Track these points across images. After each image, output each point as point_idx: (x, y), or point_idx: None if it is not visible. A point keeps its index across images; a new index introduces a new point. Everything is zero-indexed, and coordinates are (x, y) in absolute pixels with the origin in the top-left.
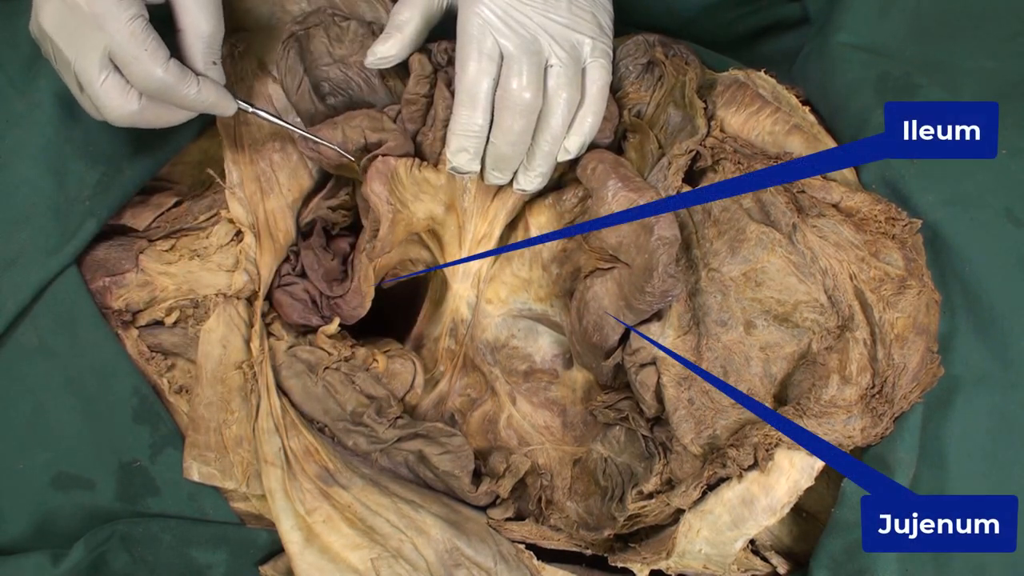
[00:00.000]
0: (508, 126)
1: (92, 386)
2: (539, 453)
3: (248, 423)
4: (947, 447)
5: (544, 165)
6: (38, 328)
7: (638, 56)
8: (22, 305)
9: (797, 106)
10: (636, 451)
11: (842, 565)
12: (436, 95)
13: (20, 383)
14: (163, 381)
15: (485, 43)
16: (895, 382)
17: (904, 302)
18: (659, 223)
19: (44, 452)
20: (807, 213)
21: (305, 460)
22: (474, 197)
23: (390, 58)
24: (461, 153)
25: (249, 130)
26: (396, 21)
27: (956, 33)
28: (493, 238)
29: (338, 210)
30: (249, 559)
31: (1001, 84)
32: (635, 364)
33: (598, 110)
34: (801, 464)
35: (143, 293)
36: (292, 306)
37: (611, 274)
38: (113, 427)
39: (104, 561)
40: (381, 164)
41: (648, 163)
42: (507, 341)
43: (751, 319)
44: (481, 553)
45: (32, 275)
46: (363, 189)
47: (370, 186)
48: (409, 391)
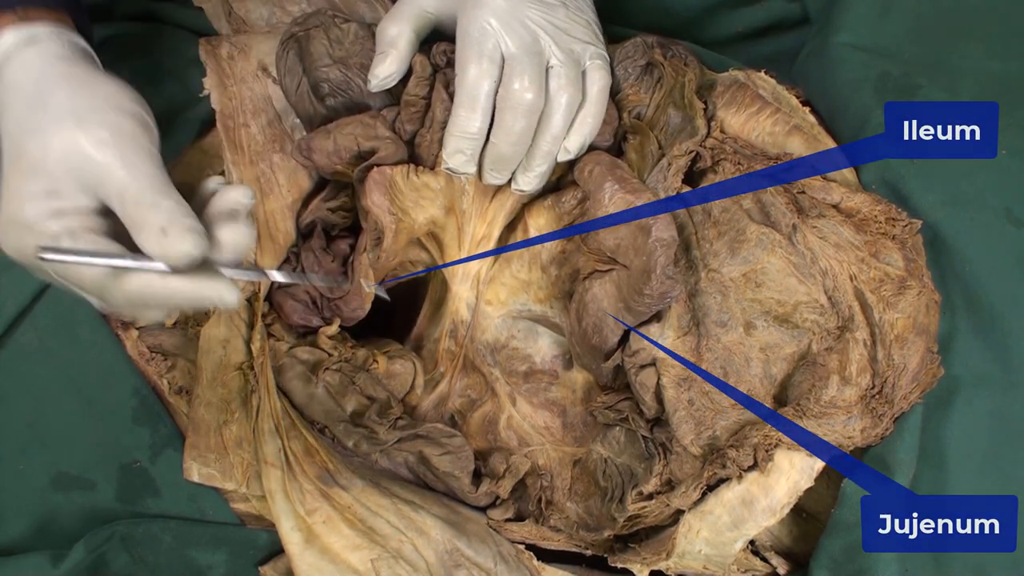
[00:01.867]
0: (509, 126)
1: (92, 387)
2: (539, 454)
3: (248, 424)
4: (947, 447)
5: (543, 165)
6: (38, 328)
7: (637, 58)
8: (22, 305)
9: (797, 106)
10: (636, 452)
11: (842, 565)
12: (434, 97)
13: (20, 383)
14: (163, 382)
15: (486, 45)
16: (895, 383)
17: (904, 302)
18: (656, 225)
19: (44, 452)
20: (807, 214)
21: (305, 461)
22: (472, 199)
23: (392, 76)
24: (457, 155)
25: (249, 132)
26: (387, 38)
27: (956, 33)
28: (492, 239)
29: (338, 211)
30: (249, 560)
31: (1001, 84)
32: (635, 365)
33: (598, 111)
34: (801, 465)
35: None
36: (292, 307)
37: (610, 276)
38: (113, 428)
39: (104, 562)
40: (378, 174)
41: (648, 164)
42: (507, 342)
43: (751, 320)
44: (481, 554)
45: (32, 275)
46: (363, 201)
47: (370, 198)
48: (409, 392)
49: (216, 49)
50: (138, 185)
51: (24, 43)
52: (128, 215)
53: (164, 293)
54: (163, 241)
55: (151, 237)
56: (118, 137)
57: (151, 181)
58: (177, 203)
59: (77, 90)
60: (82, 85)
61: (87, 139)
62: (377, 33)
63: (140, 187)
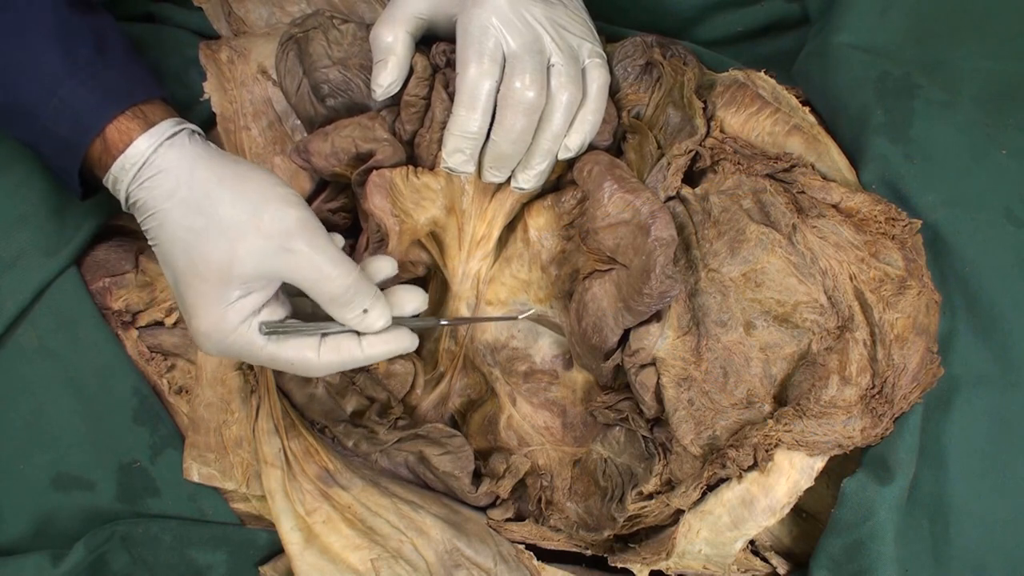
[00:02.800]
0: (510, 125)
1: (92, 387)
2: (539, 454)
3: (248, 424)
4: (947, 447)
5: (543, 164)
6: (38, 328)
7: (636, 57)
8: (22, 305)
9: (797, 106)
10: (636, 452)
11: (842, 565)
12: (433, 97)
13: (20, 383)
14: (163, 382)
15: (487, 44)
16: (895, 382)
17: (904, 302)
18: (656, 224)
19: (44, 452)
20: (807, 214)
21: (305, 461)
22: (472, 199)
23: (395, 83)
24: (457, 154)
25: (250, 134)
26: (383, 45)
27: (956, 33)
28: (492, 239)
29: (338, 212)
30: (249, 560)
31: (1001, 84)
32: (635, 365)
33: (599, 108)
34: (801, 465)
35: (143, 294)
36: None
37: (609, 276)
38: (113, 428)
39: (104, 562)
40: (378, 178)
41: (648, 164)
42: (507, 342)
43: (751, 320)
44: (481, 554)
45: (32, 275)
46: (365, 205)
47: (371, 201)
48: (409, 392)
49: (216, 53)
50: (331, 271)
51: (159, 146)
52: (326, 297)
53: (363, 356)
54: (365, 320)
55: (354, 317)
56: (301, 228)
57: (339, 262)
58: (368, 283)
59: (238, 189)
60: (239, 181)
61: (275, 238)
62: (372, 39)
63: (334, 272)
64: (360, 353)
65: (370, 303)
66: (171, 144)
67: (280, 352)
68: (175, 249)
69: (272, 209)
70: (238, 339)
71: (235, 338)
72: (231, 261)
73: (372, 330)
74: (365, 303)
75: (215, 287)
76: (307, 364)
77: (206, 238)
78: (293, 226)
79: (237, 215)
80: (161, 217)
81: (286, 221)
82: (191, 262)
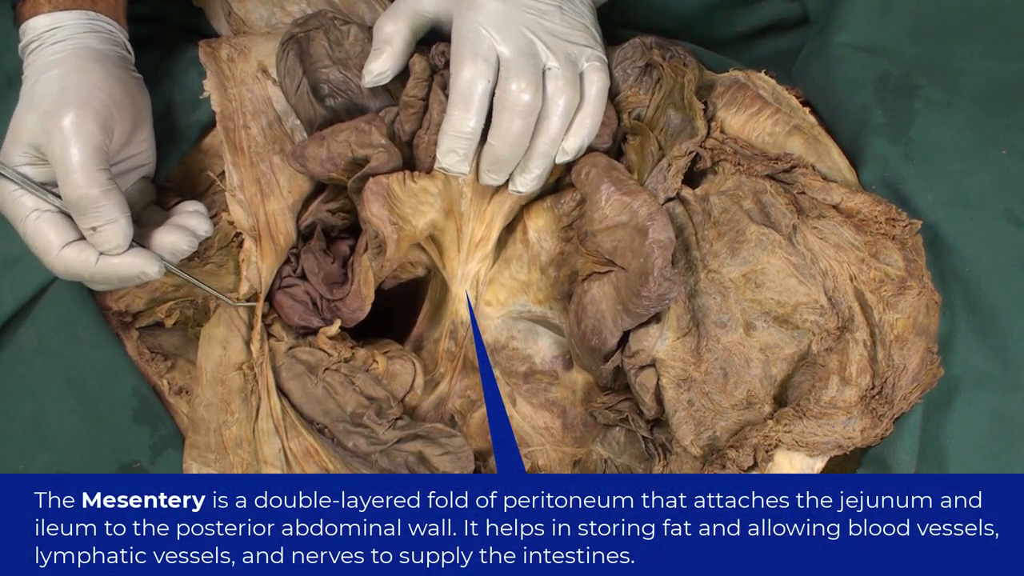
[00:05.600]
0: (507, 127)
1: (92, 387)
2: (539, 454)
3: (248, 424)
4: (947, 448)
5: (541, 167)
6: (38, 328)
7: (636, 59)
8: (22, 305)
9: (797, 107)
10: (636, 452)
11: None
12: (431, 98)
13: (20, 383)
14: (163, 382)
15: (481, 46)
16: (895, 383)
17: (904, 303)
18: (653, 226)
19: (44, 452)
20: (807, 214)
21: (305, 461)
22: (470, 201)
23: (386, 73)
24: (451, 154)
25: (250, 133)
26: (383, 35)
27: (956, 33)
28: (491, 240)
29: (337, 213)
30: None
31: (1001, 84)
32: (634, 366)
33: (597, 112)
34: (801, 465)
35: (143, 294)
36: (293, 308)
37: (608, 278)
38: (113, 428)
39: None
40: (375, 185)
41: (648, 165)
42: (507, 343)
43: (751, 320)
44: None
45: (32, 275)
46: (362, 212)
47: (369, 209)
48: (409, 392)
49: (216, 51)
50: (75, 176)
51: (49, 29)
52: (66, 198)
53: (94, 270)
54: (93, 236)
55: (86, 230)
56: (71, 130)
57: (87, 171)
58: (112, 207)
59: (64, 86)
60: (70, 74)
61: (48, 123)
62: (374, 30)
63: (76, 177)
64: (93, 266)
65: (103, 224)
66: (62, 29)
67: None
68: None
69: (62, 103)
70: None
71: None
72: (19, 125)
73: (100, 249)
74: (96, 222)
75: (9, 140)
76: (47, 246)
77: (25, 101)
78: (66, 125)
79: (43, 97)
80: (28, 74)
81: (63, 118)
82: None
